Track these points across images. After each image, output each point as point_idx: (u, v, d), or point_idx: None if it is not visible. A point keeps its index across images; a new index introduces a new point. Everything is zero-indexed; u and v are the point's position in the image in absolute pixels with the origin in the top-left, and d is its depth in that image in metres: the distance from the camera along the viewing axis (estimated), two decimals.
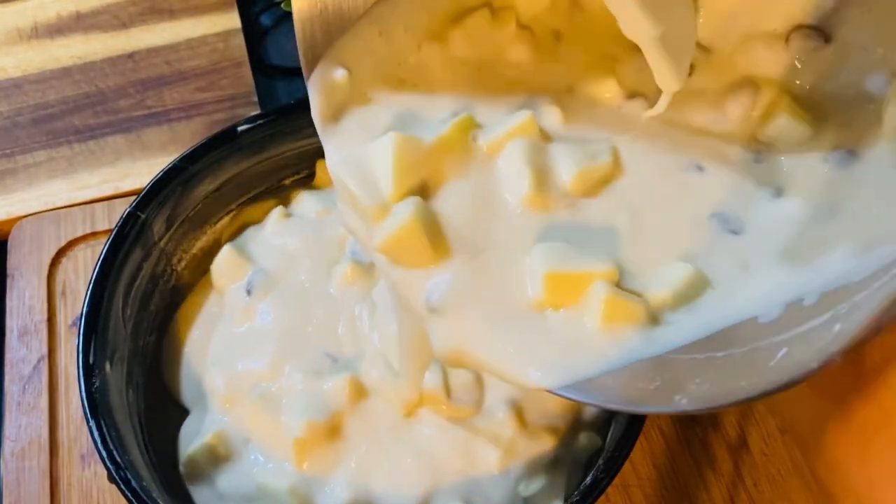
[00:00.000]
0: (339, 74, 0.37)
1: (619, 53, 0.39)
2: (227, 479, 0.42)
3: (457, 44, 0.38)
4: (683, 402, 0.29)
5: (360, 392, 0.42)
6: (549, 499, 0.41)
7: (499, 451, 0.41)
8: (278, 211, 0.50)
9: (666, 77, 0.33)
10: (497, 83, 0.39)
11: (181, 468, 0.42)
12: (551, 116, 0.37)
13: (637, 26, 0.31)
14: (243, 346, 0.45)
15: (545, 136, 0.37)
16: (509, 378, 0.33)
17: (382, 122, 0.37)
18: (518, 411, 0.42)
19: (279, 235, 0.48)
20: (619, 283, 0.33)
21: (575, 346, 0.32)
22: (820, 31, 0.35)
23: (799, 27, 0.36)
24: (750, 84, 0.36)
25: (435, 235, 0.34)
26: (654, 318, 0.32)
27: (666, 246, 0.34)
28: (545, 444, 0.41)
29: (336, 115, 0.37)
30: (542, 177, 0.35)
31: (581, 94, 0.39)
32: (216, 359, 0.46)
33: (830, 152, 0.34)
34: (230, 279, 0.47)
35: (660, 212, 0.35)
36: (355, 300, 0.45)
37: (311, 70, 0.37)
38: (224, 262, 0.47)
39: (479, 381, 0.42)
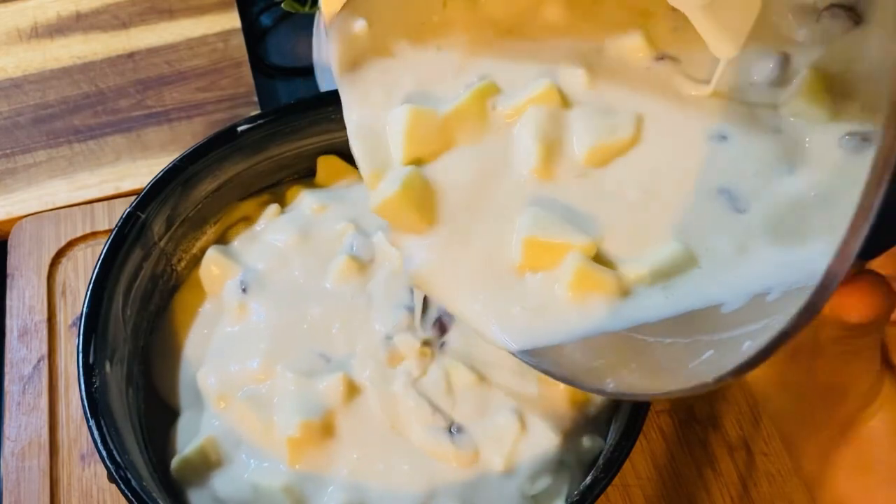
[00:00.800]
0: (359, 26, 0.36)
1: (656, 9, 0.37)
2: (223, 484, 0.41)
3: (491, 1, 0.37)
4: (611, 387, 0.30)
5: (353, 391, 0.42)
6: (552, 499, 0.40)
7: (502, 454, 0.40)
8: (273, 209, 0.50)
9: (718, 43, 0.31)
10: (524, 45, 0.38)
11: (172, 473, 0.42)
12: (575, 80, 0.37)
13: None
14: (237, 346, 0.45)
15: (566, 103, 0.36)
16: (479, 333, 0.34)
17: (404, 85, 0.37)
18: (521, 412, 0.41)
19: (273, 232, 0.48)
20: (599, 257, 0.33)
21: (543, 311, 0.33)
22: (852, 10, 0.34)
23: (832, 5, 0.34)
24: (779, 53, 0.35)
25: (424, 204, 0.35)
26: (625, 291, 0.33)
27: (667, 219, 0.34)
28: (549, 446, 0.41)
29: (354, 64, 0.37)
30: (552, 151, 0.35)
31: (610, 53, 0.38)
32: (209, 359, 0.45)
33: (846, 137, 0.33)
34: (219, 280, 0.47)
35: (670, 185, 0.35)
36: (352, 295, 0.45)
37: (331, 17, 0.37)
38: (210, 265, 0.47)
39: (481, 381, 0.41)
